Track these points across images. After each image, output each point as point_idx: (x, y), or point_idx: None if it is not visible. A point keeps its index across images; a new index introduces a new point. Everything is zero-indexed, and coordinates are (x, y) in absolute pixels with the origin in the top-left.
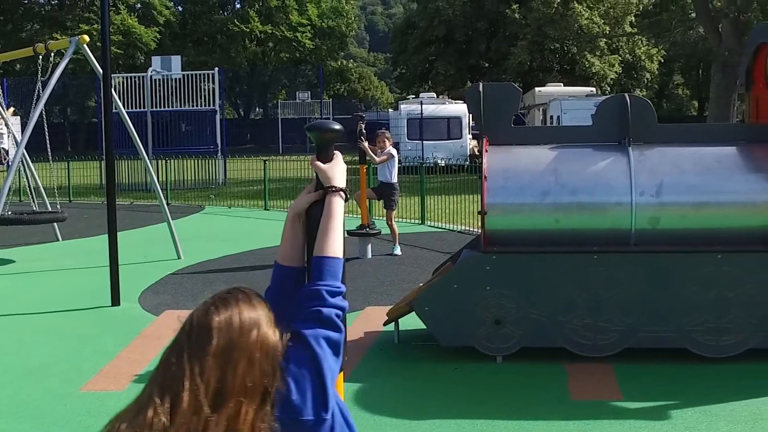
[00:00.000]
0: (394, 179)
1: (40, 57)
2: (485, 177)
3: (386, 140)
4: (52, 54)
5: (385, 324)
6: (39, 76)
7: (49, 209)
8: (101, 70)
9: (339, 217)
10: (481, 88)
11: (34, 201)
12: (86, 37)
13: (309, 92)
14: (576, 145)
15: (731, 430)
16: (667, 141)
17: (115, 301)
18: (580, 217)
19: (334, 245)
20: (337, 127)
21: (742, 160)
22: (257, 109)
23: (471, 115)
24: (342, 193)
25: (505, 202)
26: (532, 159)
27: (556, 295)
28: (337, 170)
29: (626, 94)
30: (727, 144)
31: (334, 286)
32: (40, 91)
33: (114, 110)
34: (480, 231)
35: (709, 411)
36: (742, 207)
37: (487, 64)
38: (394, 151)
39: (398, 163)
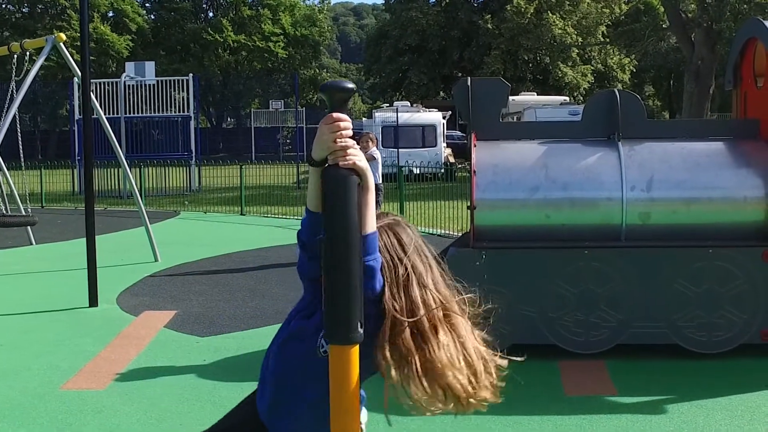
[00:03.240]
0: (379, 180)
1: (15, 57)
2: (474, 172)
3: (369, 141)
4: (28, 54)
5: None
6: (13, 75)
7: (21, 213)
8: (80, 72)
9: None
10: (469, 83)
11: (6, 205)
12: (63, 36)
13: (282, 101)
14: (566, 141)
15: (730, 423)
16: (656, 136)
17: (93, 302)
18: (571, 212)
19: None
20: (350, 86)
21: (732, 156)
22: (228, 118)
23: (445, 123)
24: (312, 159)
25: (495, 197)
26: (522, 154)
27: (547, 291)
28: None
29: (616, 89)
30: (717, 139)
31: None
32: (14, 92)
33: (93, 116)
34: (460, 232)
35: (704, 405)
36: (732, 202)
37: (460, 74)
38: (377, 153)
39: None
